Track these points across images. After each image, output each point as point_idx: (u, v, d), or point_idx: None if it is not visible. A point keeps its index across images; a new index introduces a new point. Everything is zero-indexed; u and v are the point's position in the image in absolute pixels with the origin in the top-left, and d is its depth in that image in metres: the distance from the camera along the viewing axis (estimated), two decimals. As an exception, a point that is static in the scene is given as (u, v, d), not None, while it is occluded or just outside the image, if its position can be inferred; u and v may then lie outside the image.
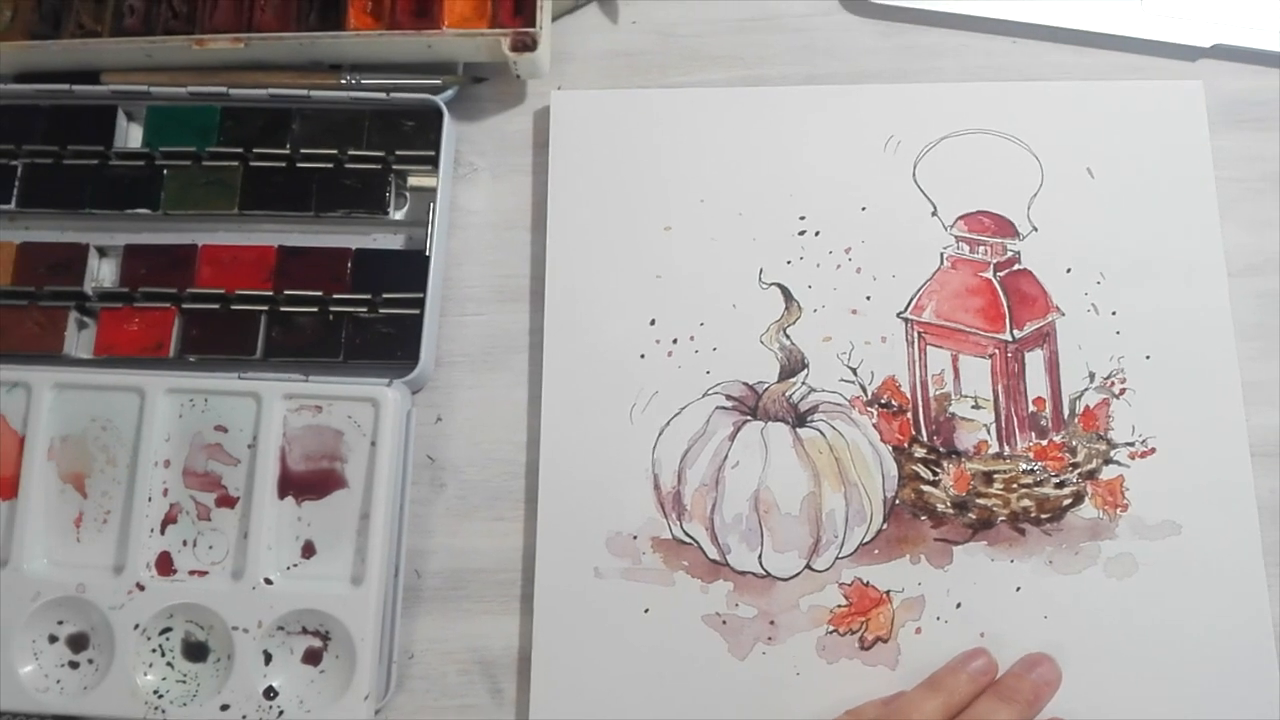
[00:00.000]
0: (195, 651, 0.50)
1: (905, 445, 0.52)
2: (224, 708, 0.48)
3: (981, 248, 0.54)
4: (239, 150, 0.55)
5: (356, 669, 0.48)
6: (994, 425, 0.52)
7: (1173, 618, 0.49)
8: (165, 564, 0.50)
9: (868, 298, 0.54)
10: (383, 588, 0.50)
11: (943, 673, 0.48)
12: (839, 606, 0.50)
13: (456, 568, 0.52)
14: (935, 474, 0.52)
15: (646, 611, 0.50)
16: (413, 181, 0.56)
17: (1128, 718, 0.48)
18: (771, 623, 0.50)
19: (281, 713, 0.48)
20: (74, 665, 0.50)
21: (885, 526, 0.51)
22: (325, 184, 0.55)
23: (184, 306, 0.54)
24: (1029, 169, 0.55)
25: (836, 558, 0.51)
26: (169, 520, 0.51)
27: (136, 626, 0.49)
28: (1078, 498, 0.51)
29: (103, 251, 0.56)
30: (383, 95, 0.55)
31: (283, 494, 0.51)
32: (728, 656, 0.50)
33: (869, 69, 0.58)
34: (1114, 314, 0.53)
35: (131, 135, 0.57)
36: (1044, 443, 0.52)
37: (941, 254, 0.54)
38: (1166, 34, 0.57)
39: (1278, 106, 0.57)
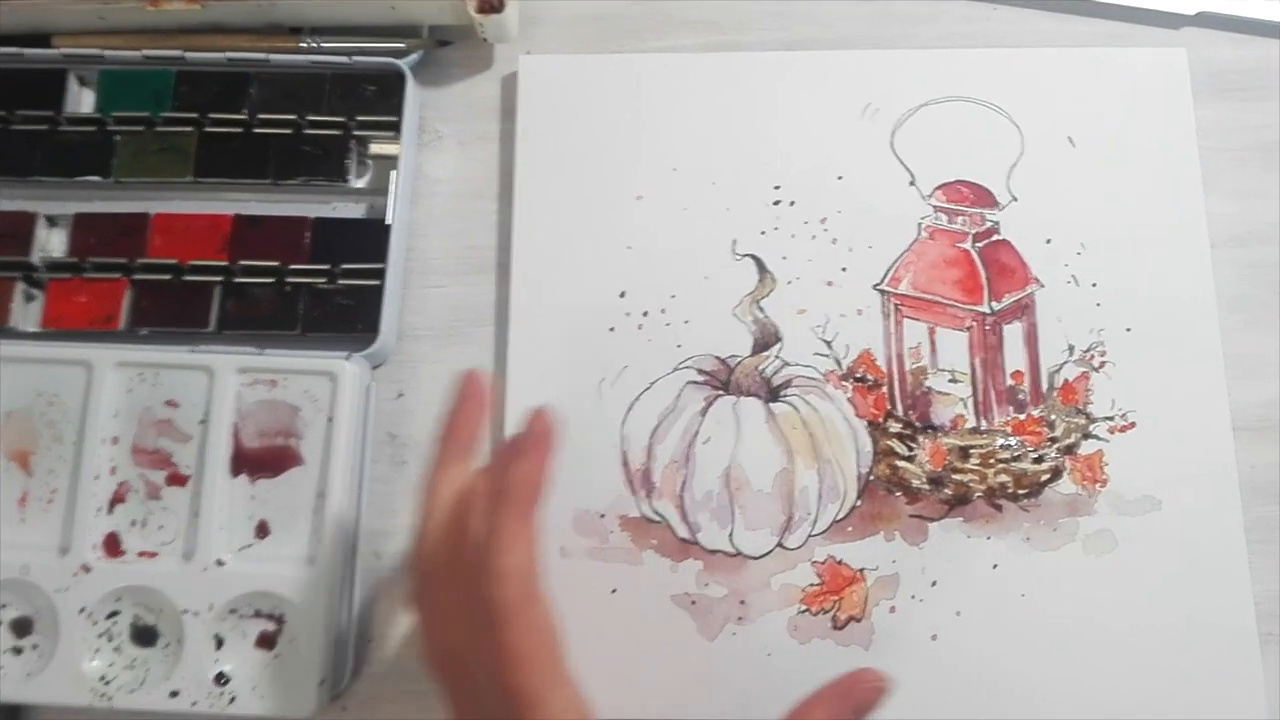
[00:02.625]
0: (144, 636, 0.48)
1: (880, 420, 0.51)
2: (173, 694, 0.47)
3: (960, 218, 0.53)
4: (194, 115, 0.53)
5: (312, 654, 0.47)
6: (971, 399, 0.51)
7: (1152, 595, 0.48)
8: (113, 545, 0.48)
9: (843, 269, 0.52)
10: (339, 569, 0.48)
11: None
12: (811, 585, 0.49)
13: (418, 548, 0.50)
14: (911, 449, 0.50)
15: (614, 592, 0.49)
16: (374, 149, 0.54)
17: (1107, 695, 0.47)
18: (742, 602, 0.49)
19: (234, 699, 0.47)
20: (17, 651, 0.48)
21: (859, 503, 0.50)
22: (283, 150, 0.53)
23: (135, 277, 0.52)
24: (1009, 138, 0.54)
25: (809, 535, 0.49)
26: (117, 499, 0.49)
27: (82, 610, 0.47)
28: (1056, 473, 0.50)
29: (52, 220, 0.54)
30: (344, 59, 0.54)
31: (236, 472, 0.49)
32: (697, 637, 0.48)
33: (847, 35, 0.56)
34: (1094, 286, 0.52)
35: (84, 100, 0.55)
36: (1022, 417, 0.51)
37: (919, 224, 0.53)
38: (1150, 1, 0.56)
39: (1262, 75, 0.56)
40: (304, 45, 0.54)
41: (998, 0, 0.57)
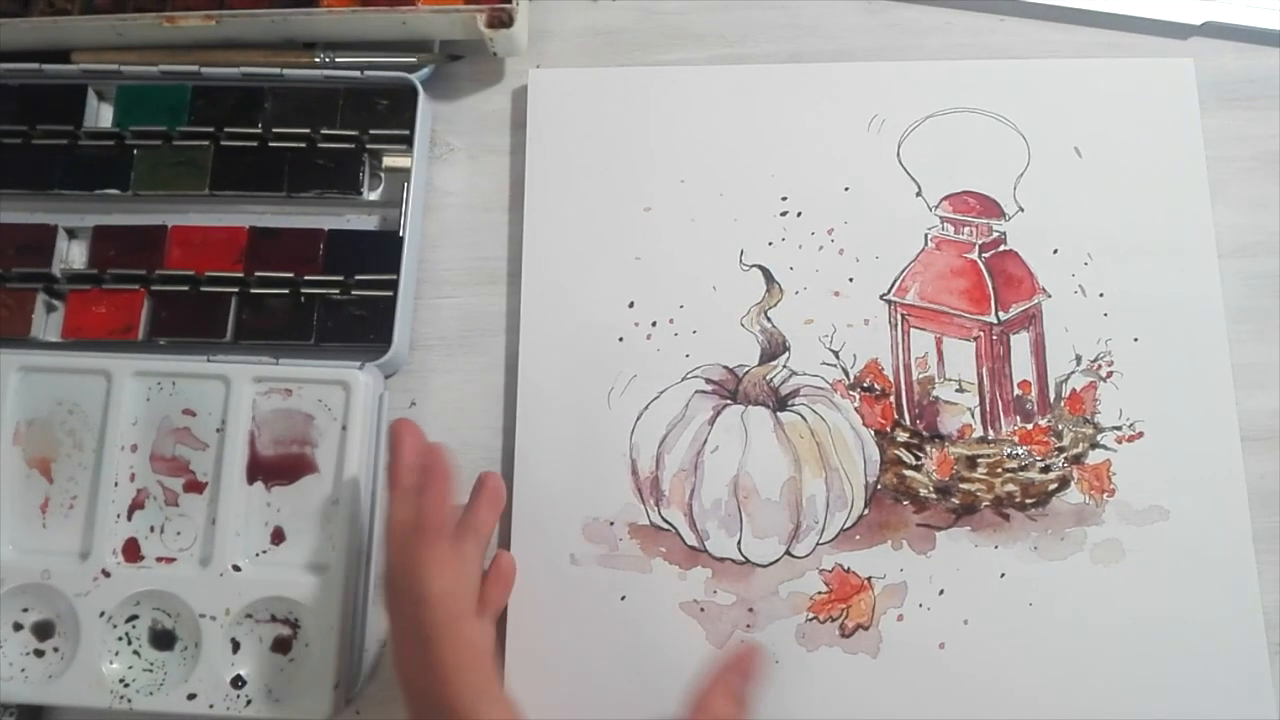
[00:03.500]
0: (162, 639, 0.49)
1: (888, 429, 0.51)
2: (191, 697, 0.47)
3: (966, 228, 0.53)
4: (210, 130, 0.54)
5: (326, 657, 0.47)
6: (978, 409, 0.51)
7: (1160, 605, 0.48)
8: (132, 550, 0.49)
9: (850, 279, 0.53)
10: (353, 575, 0.49)
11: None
12: (819, 593, 0.49)
13: (430, 554, 0.51)
14: (918, 458, 0.50)
15: (623, 599, 0.49)
16: (387, 161, 0.55)
17: (1113, 703, 0.47)
18: (750, 610, 0.49)
19: (250, 701, 0.47)
20: (39, 653, 0.49)
21: (867, 512, 0.50)
22: (298, 164, 0.54)
23: (153, 289, 0.53)
24: (1015, 148, 0.54)
25: (817, 544, 0.50)
26: (136, 506, 0.50)
27: (102, 614, 0.48)
28: (1063, 482, 0.50)
29: (72, 233, 0.55)
30: (357, 74, 0.54)
31: (252, 479, 0.50)
32: (706, 644, 0.49)
33: (854, 47, 0.57)
34: (1101, 296, 0.52)
35: (102, 115, 0.56)
36: (1029, 427, 0.51)
37: (926, 235, 0.53)
38: (1157, 11, 0.56)
39: (1268, 85, 0.56)
40: (317, 60, 0.55)
41: (1005, 12, 0.57)
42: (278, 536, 0.49)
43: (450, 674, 0.42)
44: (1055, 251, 0.53)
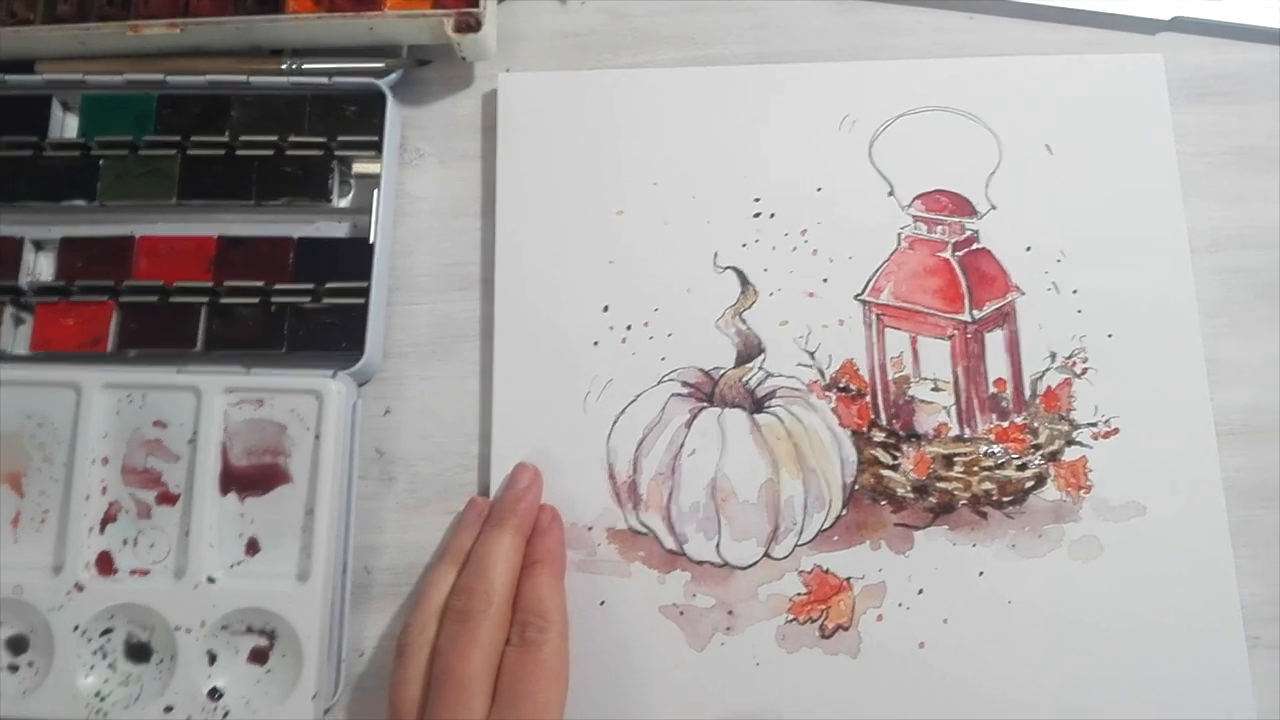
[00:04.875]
0: (138, 652, 0.48)
1: (864, 429, 0.51)
2: (168, 709, 0.47)
3: (939, 227, 0.53)
4: (177, 139, 0.54)
5: (304, 668, 0.47)
6: (954, 407, 0.51)
7: (1138, 600, 0.48)
8: (105, 563, 0.49)
9: (824, 280, 0.53)
10: (329, 584, 0.48)
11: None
12: (798, 595, 0.49)
13: (408, 563, 0.51)
14: (895, 458, 0.50)
15: (602, 604, 0.49)
16: (357, 168, 0.54)
17: (1094, 700, 0.47)
18: (730, 613, 0.49)
19: (227, 713, 0.47)
20: (13, 669, 0.48)
21: (845, 512, 0.50)
22: (266, 171, 0.53)
23: (122, 300, 0.52)
24: (987, 146, 0.54)
25: (795, 545, 0.50)
26: (108, 519, 0.49)
27: (77, 628, 0.48)
28: (1040, 480, 0.50)
29: (38, 245, 0.54)
30: (324, 80, 0.54)
31: (225, 490, 0.49)
32: (686, 648, 0.48)
33: (823, 47, 0.57)
34: (1075, 293, 0.52)
35: (68, 125, 0.56)
36: (1005, 424, 0.51)
37: (899, 234, 0.53)
38: (1125, 7, 0.56)
39: (1238, 79, 0.56)
40: (284, 67, 0.54)
41: (974, 10, 0.57)
42: (252, 547, 0.49)
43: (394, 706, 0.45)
44: (1028, 249, 0.53)
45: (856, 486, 0.50)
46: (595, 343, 0.52)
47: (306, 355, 0.51)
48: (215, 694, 0.47)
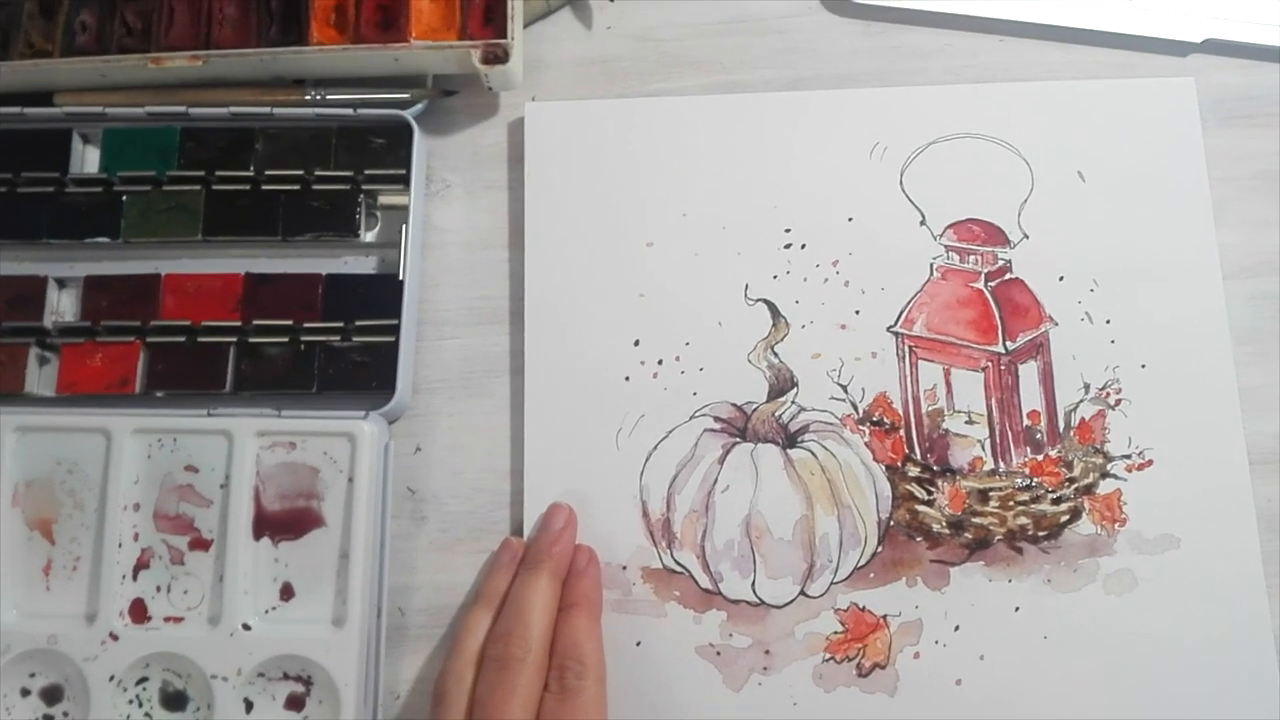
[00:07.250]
0: (174, 701, 0.48)
1: (899, 464, 0.51)
2: (206, 758, 0.47)
3: (972, 257, 0.53)
4: (201, 173, 0.53)
5: (341, 713, 0.47)
6: (988, 441, 0.51)
7: (1173, 632, 0.49)
8: (139, 611, 0.48)
9: (856, 312, 0.52)
10: (365, 628, 0.48)
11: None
12: (835, 633, 0.49)
13: (442, 604, 0.51)
14: (930, 493, 0.50)
15: (638, 645, 0.49)
16: (384, 200, 0.54)
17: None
18: (766, 652, 0.49)
19: (265, 761, 0.47)
20: (49, 719, 0.48)
21: (880, 549, 0.50)
22: (292, 206, 0.53)
23: (149, 340, 0.52)
24: (1019, 174, 0.54)
25: (831, 583, 0.50)
26: (141, 565, 0.49)
27: (112, 678, 0.47)
28: (1075, 514, 0.50)
29: (62, 283, 0.53)
30: (349, 111, 0.53)
31: (258, 535, 0.49)
32: (723, 688, 0.48)
33: (853, 71, 0.56)
34: (1108, 322, 0.52)
35: (88, 159, 0.55)
36: (1039, 458, 0.51)
37: (931, 264, 0.53)
38: (1157, 29, 0.55)
39: (1269, 102, 0.55)
40: (308, 98, 0.53)
41: (1004, 33, 0.56)
42: (287, 592, 0.49)
43: None
44: (1061, 278, 0.53)
45: (892, 522, 0.50)
46: (626, 377, 0.52)
47: (337, 395, 0.51)
48: (253, 740, 0.47)
